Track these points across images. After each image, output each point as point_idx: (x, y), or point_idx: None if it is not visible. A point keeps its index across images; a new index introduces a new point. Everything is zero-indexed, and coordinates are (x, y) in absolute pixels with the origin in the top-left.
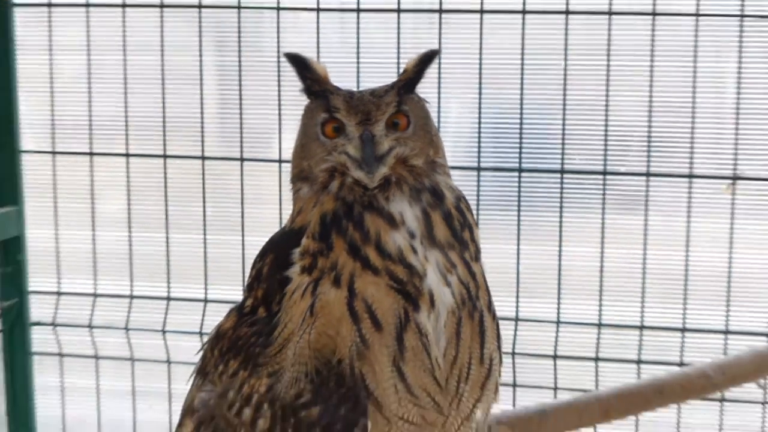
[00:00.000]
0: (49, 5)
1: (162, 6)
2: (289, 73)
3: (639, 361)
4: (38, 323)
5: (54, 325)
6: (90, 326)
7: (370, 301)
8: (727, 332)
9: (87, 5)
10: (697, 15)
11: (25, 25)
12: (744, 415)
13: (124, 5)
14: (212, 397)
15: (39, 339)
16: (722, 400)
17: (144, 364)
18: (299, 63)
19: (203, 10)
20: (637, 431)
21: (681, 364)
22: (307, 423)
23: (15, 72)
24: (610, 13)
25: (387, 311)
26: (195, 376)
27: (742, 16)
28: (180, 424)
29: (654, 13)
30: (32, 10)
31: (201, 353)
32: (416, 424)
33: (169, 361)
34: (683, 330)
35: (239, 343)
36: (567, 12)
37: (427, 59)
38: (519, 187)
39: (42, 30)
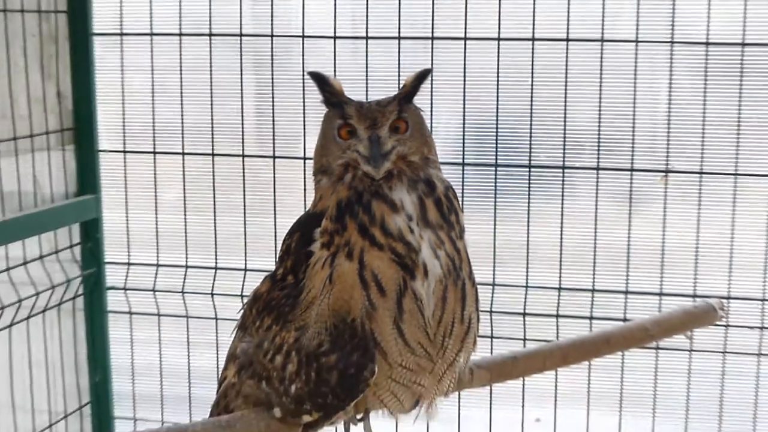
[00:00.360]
0: (121, 34)
1: (210, 35)
2: (312, 88)
3: (591, 318)
4: (112, 288)
5: (125, 289)
6: (153, 290)
7: (376, 272)
8: (661, 294)
9: (151, 34)
10: (636, 41)
11: (103, 49)
12: (674, 361)
13: (180, 34)
14: (250, 347)
15: (113, 300)
16: (657, 348)
17: (196, 320)
18: (320, 80)
19: (243, 38)
20: (589, 374)
21: (624, 320)
22: (327, 367)
23: (94, 87)
24: (567, 39)
25: (389, 280)
26: (236, 331)
27: (672, 42)
28: (225, 369)
29: (602, 40)
30: (108, 38)
31: (241, 312)
32: (412, 370)
33: (216, 318)
34: (626, 293)
35: (272, 303)
36: (533, 39)
37: (422, 76)
38: (495, 178)
39: (116, 54)
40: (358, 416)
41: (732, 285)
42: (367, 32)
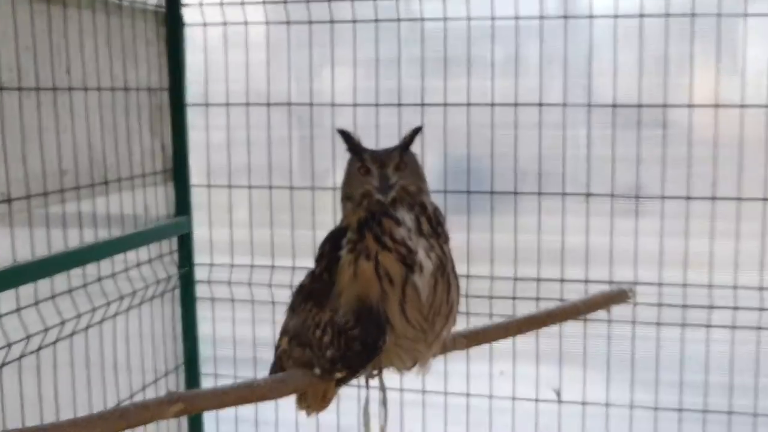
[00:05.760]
0: (206, 105)
1: (269, 104)
2: (339, 140)
3: (537, 299)
4: (200, 281)
5: (209, 282)
6: (229, 282)
7: (387, 268)
8: (586, 281)
9: (227, 105)
10: (564, 105)
11: (193, 115)
12: (597, 329)
13: (247, 104)
14: (298, 323)
15: (200, 290)
16: (585, 320)
17: (259, 304)
18: (346, 135)
19: (292, 106)
20: (537, 339)
21: (561, 300)
22: (352, 338)
23: (187, 140)
24: (515, 104)
25: (396, 274)
26: (287, 311)
27: (589, 105)
28: (279, 339)
29: (540, 104)
30: (197, 108)
31: (291, 298)
32: (411, 339)
33: (273, 302)
34: (562, 281)
35: (313, 292)
36: (492, 104)
37: (416, 131)
38: (468, 201)
39: (202, 118)
40: (374, 372)
41: (637, 274)
42: (377, 100)
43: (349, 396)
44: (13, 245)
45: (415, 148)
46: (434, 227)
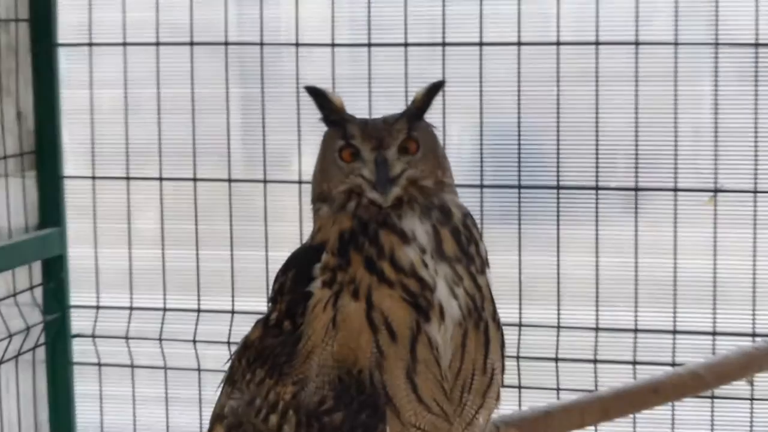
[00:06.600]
0: (90, 45)
1: (192, 44)
2: (307, 102)
3: (634, 362)
4: (78, 335)
5: (93, 336)
6: (126, 337)
7: (386, 313)
8: (714, 333)
9: (124, 44)
10: (676, 44)
11: (69, 62)
12: (733, 412)
13: (158, 44)
14: (240, 404)
15: (79, 350)
16: (713, 397)
17: (176, 372)
18: (318, 95)
19: (229, 47)
20: (635, 429)
21: (673, 364)
22: (330, 428)
23: (59, 105)
24: (597, 43)
25: (401, 323)
26: (224, 385)
27: (717, 44)
28: (210, 430)
29: (636, 43)
30: (75, 49)
31: (229, 363)
32: (426, 430)
33: (199, 369)
34: (674, 332)
35: (266, 353)
36: (558, 43)
37: (433, 89)
38: (519, 202)
39: (83, 66)
40: None
41: None
42: (369, 39)
43: None
44: None
45: (433, 116)
46: (463, 245)
